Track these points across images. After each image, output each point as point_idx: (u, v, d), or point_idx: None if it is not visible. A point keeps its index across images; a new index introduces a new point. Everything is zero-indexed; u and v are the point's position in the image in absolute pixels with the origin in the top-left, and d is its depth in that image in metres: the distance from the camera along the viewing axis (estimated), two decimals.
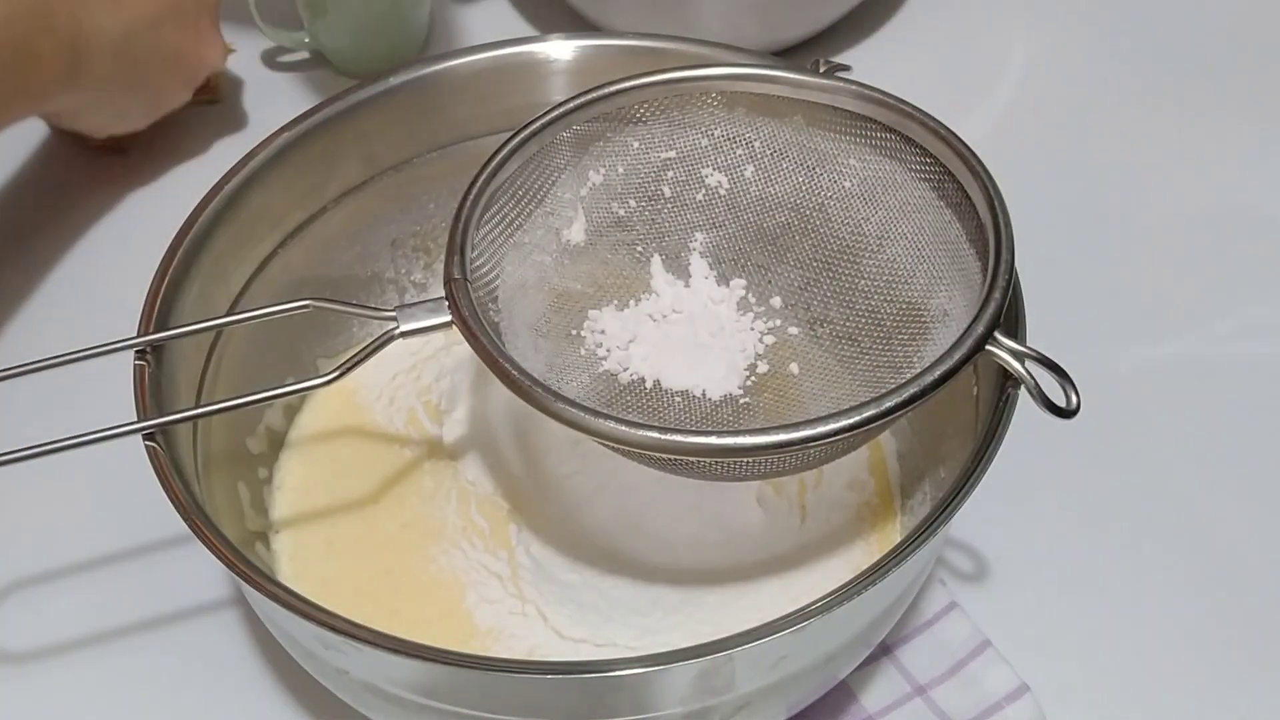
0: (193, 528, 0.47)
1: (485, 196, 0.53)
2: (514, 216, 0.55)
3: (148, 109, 0.72)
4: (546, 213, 0.56)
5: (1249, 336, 0.68)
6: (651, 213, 0.57)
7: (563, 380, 0.53)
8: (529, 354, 0.52)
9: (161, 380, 0.51)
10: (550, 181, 0.56)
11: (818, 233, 0.56)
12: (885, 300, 0.54)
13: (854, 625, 0.49)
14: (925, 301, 0.53)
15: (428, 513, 0.58)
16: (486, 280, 0.53)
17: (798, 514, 0.57)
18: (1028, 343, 0.49)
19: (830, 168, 0.56)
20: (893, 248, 0.54)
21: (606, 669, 0.45)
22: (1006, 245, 0.49)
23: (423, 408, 0.61)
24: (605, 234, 0.57)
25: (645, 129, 0.56)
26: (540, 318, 0.55)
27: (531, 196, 0.55)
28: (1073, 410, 0.47)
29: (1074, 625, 0.58)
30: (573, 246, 0.56)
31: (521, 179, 0.55)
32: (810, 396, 0.55)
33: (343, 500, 0.58)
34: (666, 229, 0.58)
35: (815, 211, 0.56)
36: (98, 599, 0.59)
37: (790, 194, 0.56)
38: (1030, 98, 0.78)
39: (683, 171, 0.57)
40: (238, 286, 0.57)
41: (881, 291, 0.55)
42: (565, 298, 0.56)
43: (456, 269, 0.51)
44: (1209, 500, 0.62)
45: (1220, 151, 0.76)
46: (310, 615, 0.45)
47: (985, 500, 0.48)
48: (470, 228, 0.52)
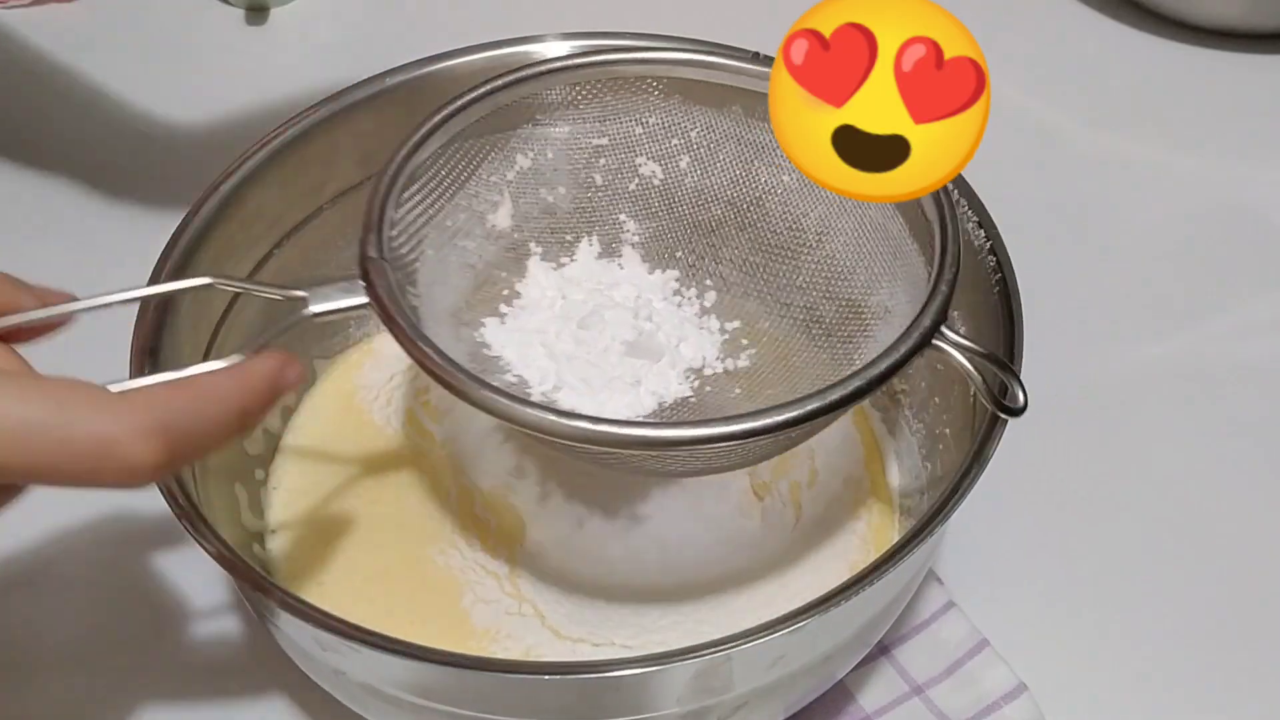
0: (190, 529, 0.47)
1: (406, 173, 0.51)
2: (436, 197, 0.53)
3: None
4: (470, 195, 0.54)
5: (1249, 336, 0.68)
6: (582, 201, 0.56)
7: (487, 372, 0.52)
8: (450, 343, 0.50)
9: None
10: (475, 163, 0.53)
11: (755, 227, 0.55)
12: (824, 297, 0.53)
13: (851, 625, 0.49)
14: (866, 299, 0.52)
15: (425, 513, 0.57)
16: (405, 262, 0.50)
17: (793, 513, 0.57)
18: (1024, 344, 0.49)
19: (769, 160, 0.54)
20: (832, 244, 0.53)
21: (604, 669, 0.45)
22: (953, 239, 0.48)
23: (421, 408, 0.61)
24: (533, 221, 0.55)
25: (577, 113, 0.54)
26: (463, 305, 0.53)
27: (455, 177, 0.53)
28: (1020, 409, 0.46)
29: (1072, 624, 0.58)
30: (498, 232, 0.55)
31: (445, 158, 0.52)
32: (746, 396, 0.54)
33: (340, 501, 0.58)
34: (598, 219, 0.56)
35: (752, 206, 0.55)
36: (96, 600, 0.58)
37: (727, 187, 0.55)
38: (1025, 93, 0.78)
39: (615, 160, 0.55)
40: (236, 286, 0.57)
41: (820, 288, 0.53)
42: (490, 285, 0.54)
43: (373, 247, 0.48)
44: (1208, 500, 0.62)
45: (1220, 150, 0.76)
46: (307, 616, 0.45)
47: (983, 499, 0.48)
48: (388, 205, 0.50)
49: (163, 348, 0.52)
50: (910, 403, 0.59)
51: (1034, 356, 0.50)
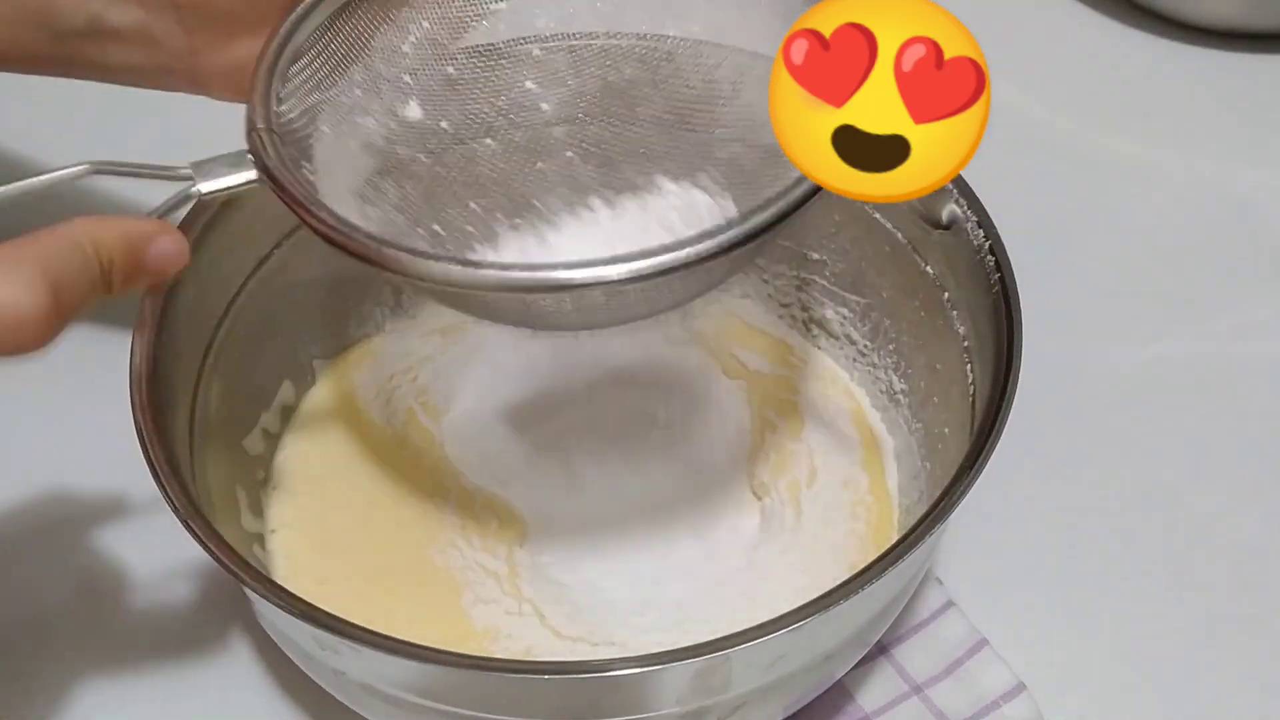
0: (189, 529, 0.47)
1: (294, 42, 0.48)
2: (329, 69, 0.50)
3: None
4: (365, 68, 0.51)
5: (1249, 336, 0.68)
6: (485, 70, 0.53)
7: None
8: (355, 221, 0.48)
9: (158, 381, 0.51)
10: (368, 33, 0.51)
11: (668, 84, 0.52)
12: (747, 147, 0.51)
13: (851, 624, 0.49)
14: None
15: (424, 512, 0.57)
16: (299, 136, 0.48)
17: (792, 513, 0.57)
18: (1023, 344, 0.49)
19: (676, 13, 0.51)
20: (749, 92, 0.51)
21: (603, 669, 0.45)
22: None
23: (420, 408, 0.61)
24: (435, 95, 0.52)
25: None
26: (365, 183, 0.51)
27: (348, 48, 0.50)
28: (945, 225, 0.45)
29: (1071, 624, 0.58)
30: (400, 105, 0.52)
31: (336, 27, 0.50)
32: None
33: (339, 500, 0.58)
34: (501, 88, 0.53)
35: (663, 62, 0.52)
36: (95, 600, 0.58)
37: (635, 45, 0.52)
38: (1025, 93, 0.78)
39: (515, 23, 0.53)
40: (235, 287, 0.57)
41: (741, 139, 0.51)
42: (394, 162, 0.52)
43: (260, 118, 0.46)
44: (1206, 499, 0.62)
45: (1220, 150, 0.76)
46: (306, 615, 0.45)
47: (982, 499, 0.48)
48: (275, 76, 0.47)
49: (163, 348, 0.52)
50: (909, 402, 0.59)
51: (1033, 356, 0.50)
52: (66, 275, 0.40)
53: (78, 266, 0.40)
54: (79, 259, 0.41)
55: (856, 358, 0.62)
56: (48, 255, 0.40)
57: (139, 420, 0.49)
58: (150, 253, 0.43)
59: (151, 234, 0.43)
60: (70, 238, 0.41)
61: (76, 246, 0.41)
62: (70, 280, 0.40)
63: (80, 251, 0.41)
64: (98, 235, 0.41)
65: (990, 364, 0.51)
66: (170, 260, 0.43)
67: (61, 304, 0.40)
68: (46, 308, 0.39)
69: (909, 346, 0.59)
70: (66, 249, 0.41)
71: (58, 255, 0.40)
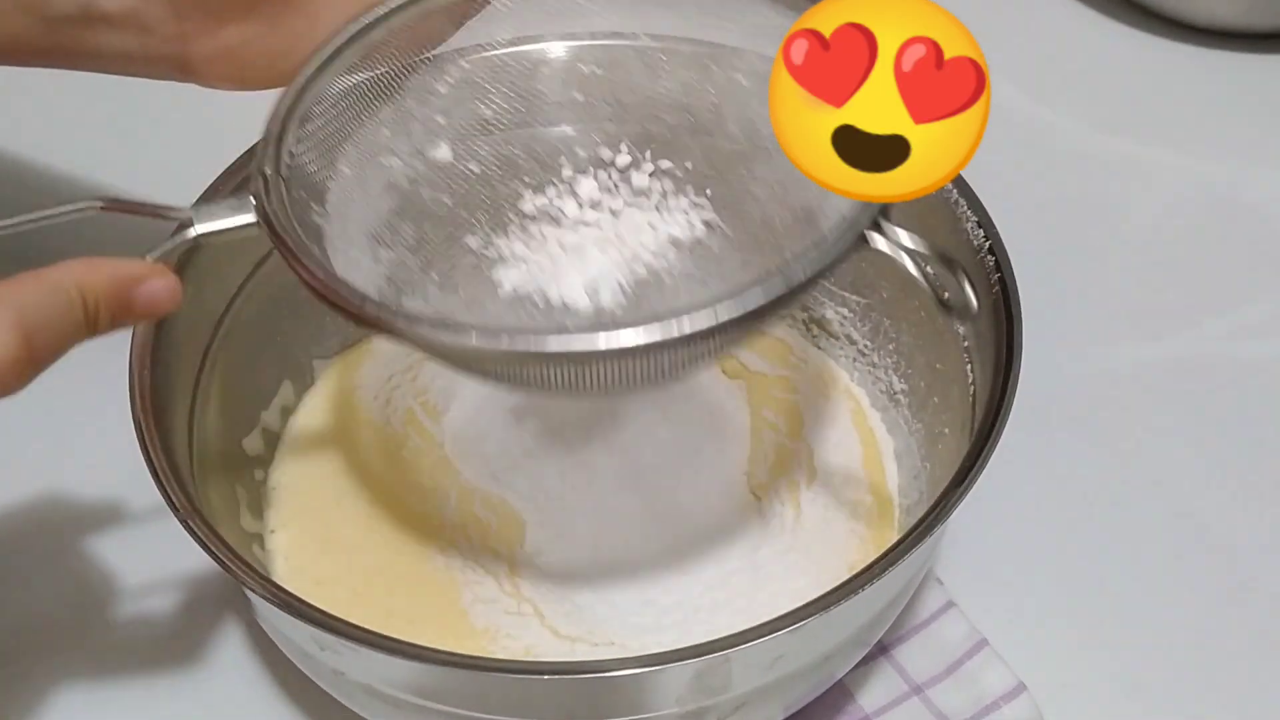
0: (189, 529, 0.47)
1: (319, 82, 0.48)
2: (356, 110, 0.49)
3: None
4: (396, 108, 0.50)
5: (1248, 336, 0.68)
6: (524, 113, 0.52)
7: (407, 295, 0.49)
8: (365, 263, 0.48)
9: (157, 381, 0.51)
10: (403, 73, 0.50)
11: (710, 134, 0.51)
12: (779, 205, 0.50)
13: (851, 624, 0.49)
14: (821, 204, 0.48)
15: (424, 512, 0.57)
16: (313, 178, 0.48)
17: (792, 513, 0.57)
18: (1023, 344, 0.49)
19: (724, 63, 0.51)
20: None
21: (603, 669, 0.45)
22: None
23: (420, 408, 0.61)
24: (468, 135, 0.51)
25: (516, 20, 0.51)
26: (383, 225, 0.50)
27: (377, 88, 0.50)
28: (971, 309, 0.43)
29: (1071, 624, 0.58)
30: (429, 146, 0.51)
31: (366, 67, 0.49)
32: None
33: (338, 500, 0.58)
34: (542, 132, 0.52)
35: (707, 111, 0.51)
36: (94, 601, 0.58)
37: (680, 92, 0.51)
38: (1025, 93, 0.78)
39: (560, 68, 0.52)
40: (234, 287, 0.57)
41: (777, 197, 0.50)
42: (416, 203, 0.51)
43: (269, 162, 0.46)
44: (1206, 499, 0.62)
45: (1220, 150, 0.76)
46: (305, 615, 0.45)
47: (982, 499, 0.48)
48: (292, 119, 0.47)
49: (163, 348, 0.52)
50: (909, 403, 0.59)
51: (1033, 356, 0.50)
52: (43, 320, 0.41)
53: (58, 311, 0.41)
54: (60, 303, 0.41)
55: (856, 358, 0.62)
56: (25, 300, 0.41)
57: (139, 420, 0.50)
58: (139, 295, 0.43)
59: (141, 276, 0.43)
60: (53, 282, 0.41)
61: (59, 290, 0.41)
62: (47, 325, 0.41)
63: (63, 296, 0.41)
64: (84, 279, 0.42)
65: (990, 364, 0.51)
66: (161, 302, 0.44)
67: (35, 349, 0.40)
68: (16, 353, 0.40)
69: (909, 346, 0.59)
70: (47, 293, 0.41)
71: (36, 300, 0.41)
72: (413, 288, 0.50)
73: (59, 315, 0.41)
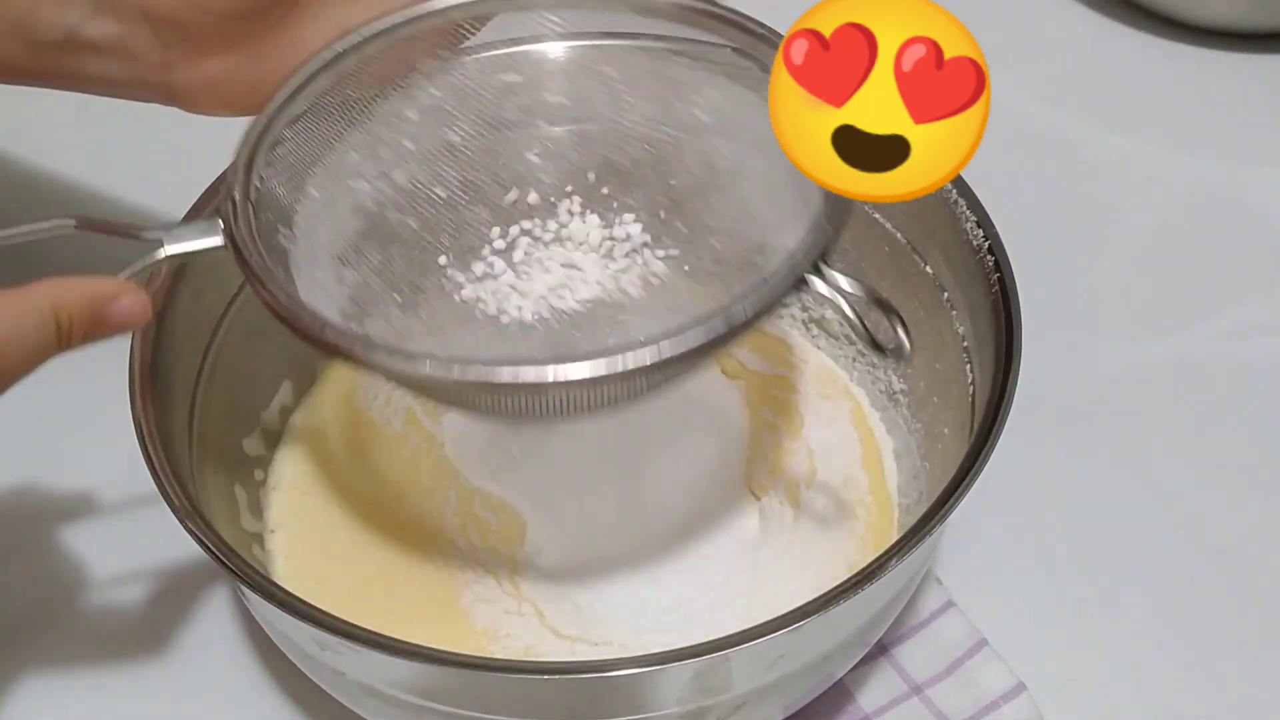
0: (188, 529, 0.47)
1: (290, 109, 0.49)
2: (325, 135, 0.50)
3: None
4: (366, 133, 0.51)
5: (1247, 336, 0.68)
6: (491, 141, 0.53)
7: (368, 316, 0.50)
8: (330, 285, 0.49)
9: (157, 381, 0.51)
10: (371, 100, 0.51)
11: (669, 168, 0.53)
12: (732, 240, 0.51)
13: (851, 624, 0.49)
14: (772, 241, 0.49)
15: (424, 512, 0.57)
16: (281, 201, 0.49)
17: (791, 513, 0.57)
18: (1023, 344, 0.49)
19: (686, 98, 0.52)
20: (745, 185, 0.51)
21: (603, 669, 0.45)
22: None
23: (420, 408, 0.61)
24: (435, 160, 0.52)
25: (486, 51, 0.52)
26: (348, 247, 0.51)
27: (347, 114, 0.51)
28: (902, 348, 0.44)
29: (1070, 624, 0.58)
30: (397, 170, 0.52)
31: (335, 94, 0.50)
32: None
33: (338, 500, 0.58)
34: (507, 159, 0.53)
35: (668, 145, 0.53)
36: (93, 600, 0.58)
37: (642, 126, 0.52)
38: (1025, 93, 0.78)
39: (527, 98, 0.53)
40: (234, 287, 0.57)
41: (730, 231, 0.51)
42: (383, 226, 0.52)
43: (238, 186, 0.47)
44: (1205, 498, 0.62)
45: (1220, 150, 0.76)
46: (305, 615, 0.45)
47: (982, 499, 0.48)
48: (262, 145, 0.48)
49: (163, 348, 0.52)
50: (909, 402, 0.59)
51: (1033, 356, 0.50)
52: (16, 335, 0.42)
53: (29, 328, 0.43)
54: (31, 321, 0.43)
55: (856, 357, 0.62)
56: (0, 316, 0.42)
57: (139, 420, 0.50)
58: (112, 311, 0.45)
59: (114, 294, 0.45)
60: (27, 299, 0.43)
61: (33, 308, 0.43)
62: (20, 339, 0.42)
63: (36, 314, 0.43)
64: (59, 296, 0.43)
65: (990, 364, 0.51)
66: (132, 319, 0.45)
67: (7, 362, 0.42)
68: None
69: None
70: (16, 310, 0.43)
71: (11, 316, 0.42)
72: (375, 309, 0.51)
73: (32, 330, 0.43)
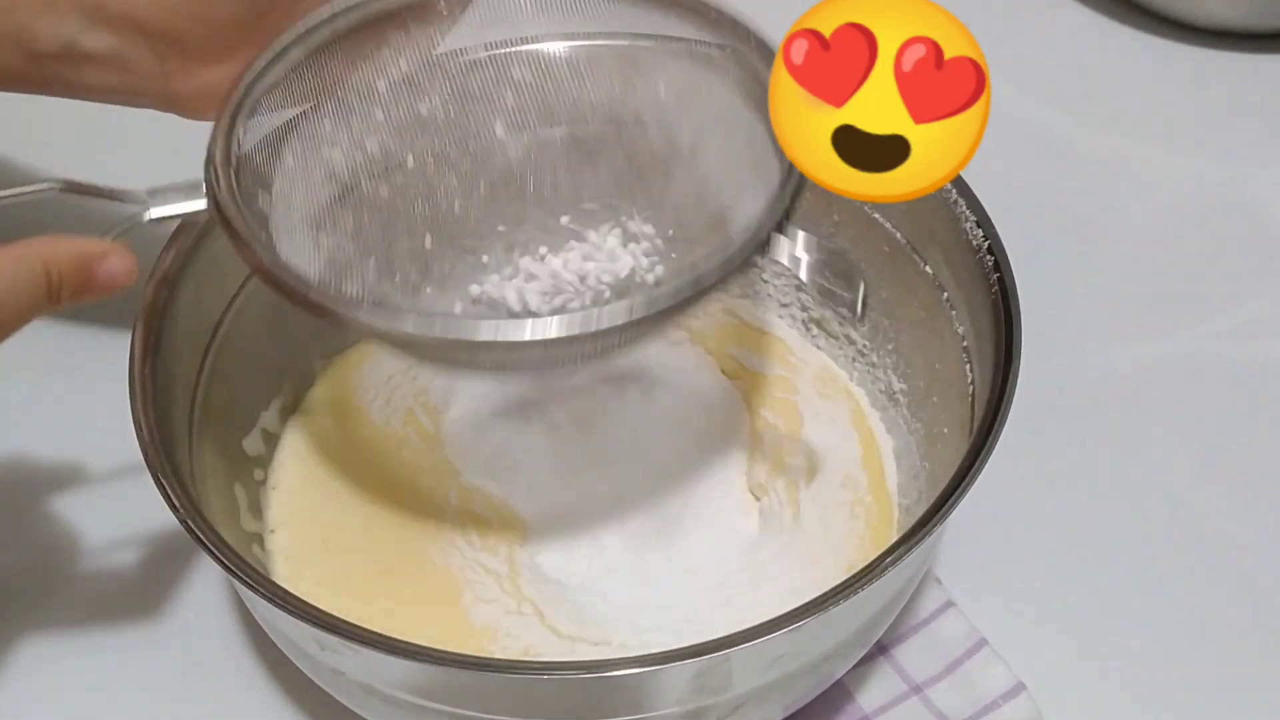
0: (189, 529, 0.47)
1: (266, 78, 0.50)
2: (300, 103, 0.51)
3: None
4: (339, 102, 0.52)
5: (1248, 336, 0.68)
6: (457, 114, 0.54)
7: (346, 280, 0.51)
8: (307, 249, 0.50)
9: (157, 381, 0.51)
10: (343, 71, 0.52)
11: (632, 143, 0.54)
12: (694, 213, 0.53)
13: (850, 624, 0.49)
14: (731, 213, 0.51)
15: (424, 512, 0.57)
16: (259, 166, 0.50)
17: (791, 513, 0.57)
18: (1022, 344, 0.49)
19: (647, 74, 0.53)
20: (705, 158, 0.52)
21: (603, 669, 0.45)
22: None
23: (420, 408, 0.61)
24: (405, 131, 0.54)
25: (452, 25, 0.53)
26: (324, 213, 0.52)
27: (322, 83, 0.52)
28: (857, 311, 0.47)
29: (1070, 623, 0.58)
30: (368, 139, 0.54)
31: (311, 65, 0.51)
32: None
33: (339, 500, 0.58)
34: (472, 132, 0.55)
35: (630, 121, 0.54)
36: (94, 600, 0.58)
37: (605, 102, 0.54)
38: (1025, 94, 0.78)
39: (492, 73, 0.54)
40: (234, 287, 0.57)
41: (691, 205, 0.53)
42: (356, 193, 0.53)
43: (219, 150, 0.48)
44: (1205, 498, 0.62)
45: (1220, 150, 0.76)
46: (305, 615, 0.45)
47: (981, 499, 0.48)
48: (241, 111, 0.49)
49: (163, 348, 0.52)
50: (909, 402, 0.59)
51: (1033, 356, 0.50)
52: (9, 290, 0.43)
53: (23, 283, 0.44)
54: (25, 276, 0.44)
55: (856, 357, 0.62)
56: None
57: (139, 420, 0.50)
58: (100, 271, 0.46)
59: (103, 254, 0.46)
60: (21, 254, 0.44)
61: (26, 263, 0.44)
62: (13, 295, 0.43)
63: (29, 270, 0.44)
64: (50, 253, 0.44)
65: (990, 364, 0.51)
66: (118, 279, 0.46)
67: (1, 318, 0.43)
68: None
69: (908, 346, 0.59)
70: (10, 265, 0.44)
71: (3, 272, 0.43)
72: (351, 273, 0.52)
73: (25, 287, 0.44)
